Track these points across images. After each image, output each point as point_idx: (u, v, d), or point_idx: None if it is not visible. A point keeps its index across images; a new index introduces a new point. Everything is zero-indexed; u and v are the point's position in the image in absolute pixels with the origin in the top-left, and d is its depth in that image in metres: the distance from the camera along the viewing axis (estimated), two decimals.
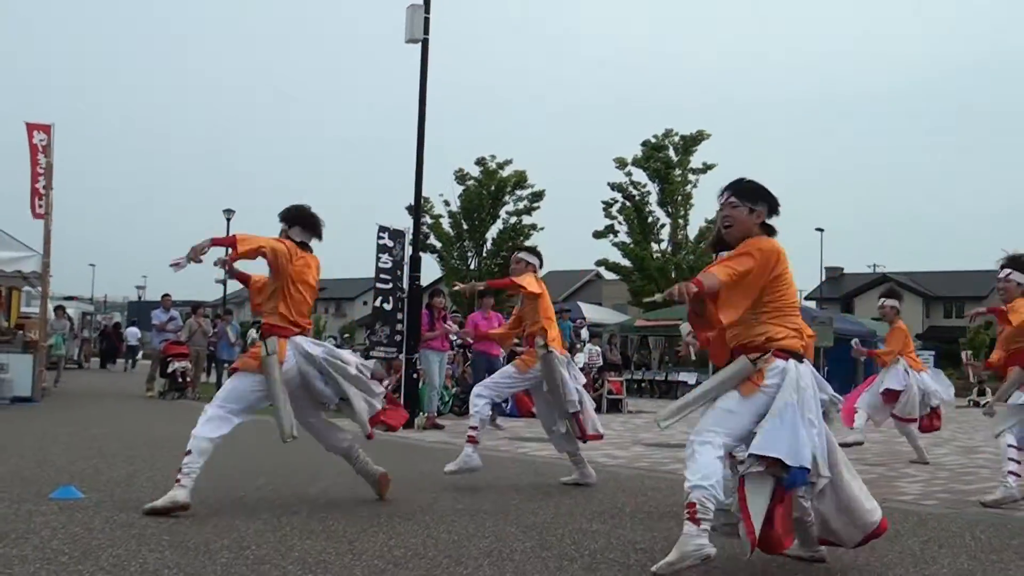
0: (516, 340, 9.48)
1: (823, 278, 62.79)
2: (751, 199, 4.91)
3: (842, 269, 70.46)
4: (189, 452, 6.08)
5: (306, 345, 6.48)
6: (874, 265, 70.00)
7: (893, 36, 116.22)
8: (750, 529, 4.54)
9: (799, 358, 4.82)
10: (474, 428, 7.98)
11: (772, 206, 4.95)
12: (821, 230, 57.01)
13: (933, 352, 39.81)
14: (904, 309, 11.26)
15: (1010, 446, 7.74)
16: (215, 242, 6.22)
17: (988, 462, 10.79)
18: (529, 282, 8.11)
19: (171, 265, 6.20)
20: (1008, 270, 7.78)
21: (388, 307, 14.20)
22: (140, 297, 76.16)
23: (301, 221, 6.78)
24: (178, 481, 6.00)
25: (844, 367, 26.62)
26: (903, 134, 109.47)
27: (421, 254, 15.17)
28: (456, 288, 8.83)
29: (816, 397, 4.80)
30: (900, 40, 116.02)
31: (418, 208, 15.79)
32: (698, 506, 4.53)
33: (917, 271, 68.66)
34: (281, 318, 6.45)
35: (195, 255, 6.05)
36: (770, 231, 4.94)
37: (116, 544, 5.00)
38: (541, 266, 8.46)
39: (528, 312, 8.25)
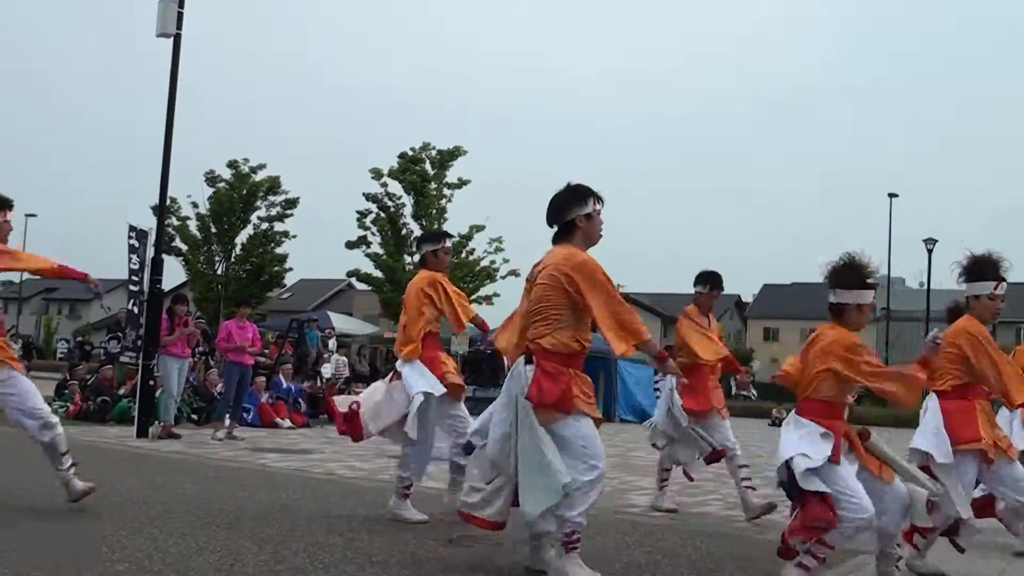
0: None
1: None
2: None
3: None
4: None
5: None
6: (618, 285, 72.57)
7: (645, 61, 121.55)
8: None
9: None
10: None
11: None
12: None
13: None
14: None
15: (665, 469, 8.19)
16: None
17: (714, 475, 11.39)
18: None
19: None
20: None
21: (136, 310, 13.61)
22: None
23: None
24: None
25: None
26: (644, 160, 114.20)
27: (166, 257, 14.59)
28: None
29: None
30: (652, 66, 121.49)
31: (162, 208, 15.17)
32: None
33: (657, 293, 71.88)
34: None
35: None
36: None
37: None
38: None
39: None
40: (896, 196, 41.14)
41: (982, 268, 5.87)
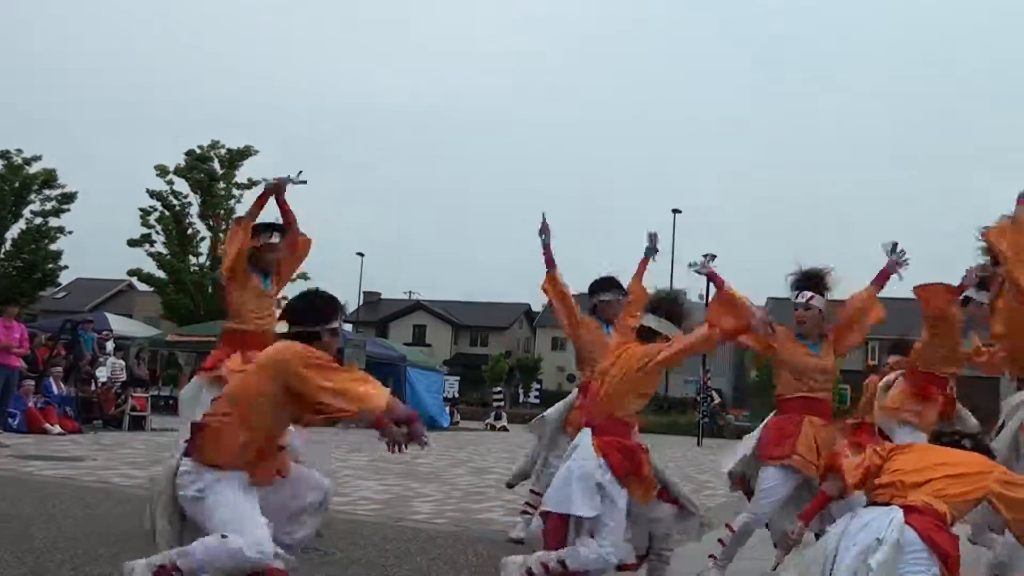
0: None
1: (361, 302, 64.45)
2: None
3: (380, 294, 72.57)
4: None
5: None
6: (410, 292, 72.73)
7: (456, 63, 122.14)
8: None
9: None
10: None
11: None
12: (362, 255, 58.77)
13: (459, 378, 42.26)
14: (435, 336, 11.58)
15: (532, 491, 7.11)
16: None
17: (497, 481, 11.54)
18: None
19: None
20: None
21: None
22: None
23: None
24: None
25: None
26: (433, 161, 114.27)
27: None
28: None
29: None
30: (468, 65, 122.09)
31: None
32: None
33: (448, 300, 72.33)
34: None
35: None
36: None
37: None
38: None
39: None
40: (679, 212, 42.35)
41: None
